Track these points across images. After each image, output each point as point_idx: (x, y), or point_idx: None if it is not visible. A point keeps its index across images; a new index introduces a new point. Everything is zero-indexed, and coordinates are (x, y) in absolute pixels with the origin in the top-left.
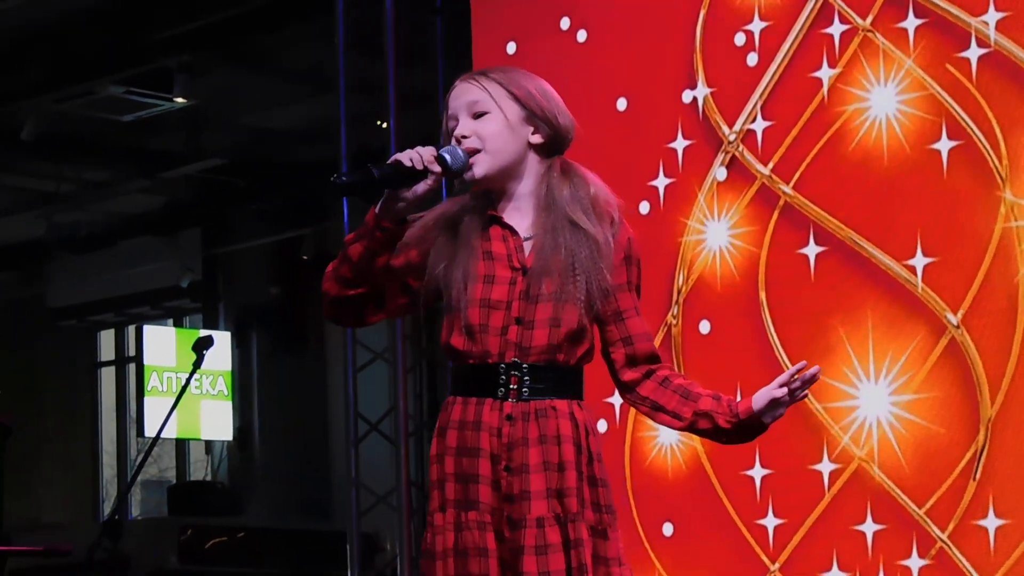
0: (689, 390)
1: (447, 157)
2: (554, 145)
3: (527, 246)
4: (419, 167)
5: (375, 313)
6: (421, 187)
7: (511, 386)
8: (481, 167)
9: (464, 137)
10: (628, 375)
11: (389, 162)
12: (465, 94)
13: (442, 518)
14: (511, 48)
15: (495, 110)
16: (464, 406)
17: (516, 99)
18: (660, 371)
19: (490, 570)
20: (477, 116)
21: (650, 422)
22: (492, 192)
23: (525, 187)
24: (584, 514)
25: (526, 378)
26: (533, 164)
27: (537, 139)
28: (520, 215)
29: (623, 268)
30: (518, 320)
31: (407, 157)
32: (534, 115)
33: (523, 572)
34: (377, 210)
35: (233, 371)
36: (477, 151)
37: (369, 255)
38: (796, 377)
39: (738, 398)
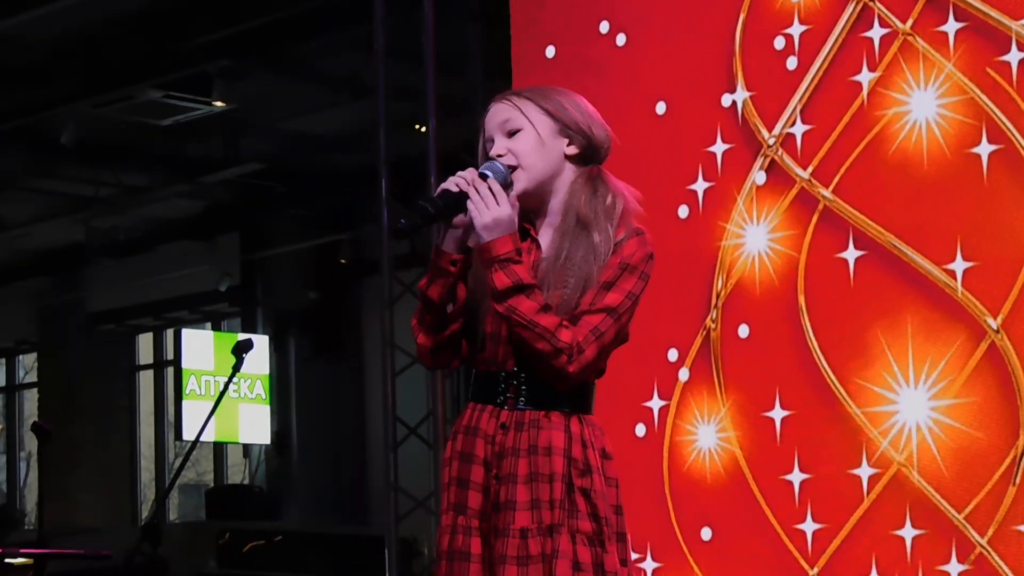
0: None
1: (488, 173)
2: (589, 156)
3: (541, 262)
4: (466, 190)
5: (471, 347)
6: None
7: (508, 395)
8: (519, 184)
9: (500, 156)
10: None
11: (436, 194)
12: (498, 115)
13: (444, 520)
14: (550, 52)
15: (527, 126)
16: (472, 411)
17: (547, 113)
18: None
19: (469, 574)
20: (511, 134)
21: (688, 427)
22: (531, 210)
23: (560, 201)
24: (578, 525)
25: (523, 387)
26: (568, 177)
27: (572, 150)
28: (552, 229)
29: (610, 270)
30: None
31: (452, 184)
32: (567, 127)
33: None
34: (441, 245)
35: (271, 375)
36: (515, 167)
37: (448, 292)
38: None
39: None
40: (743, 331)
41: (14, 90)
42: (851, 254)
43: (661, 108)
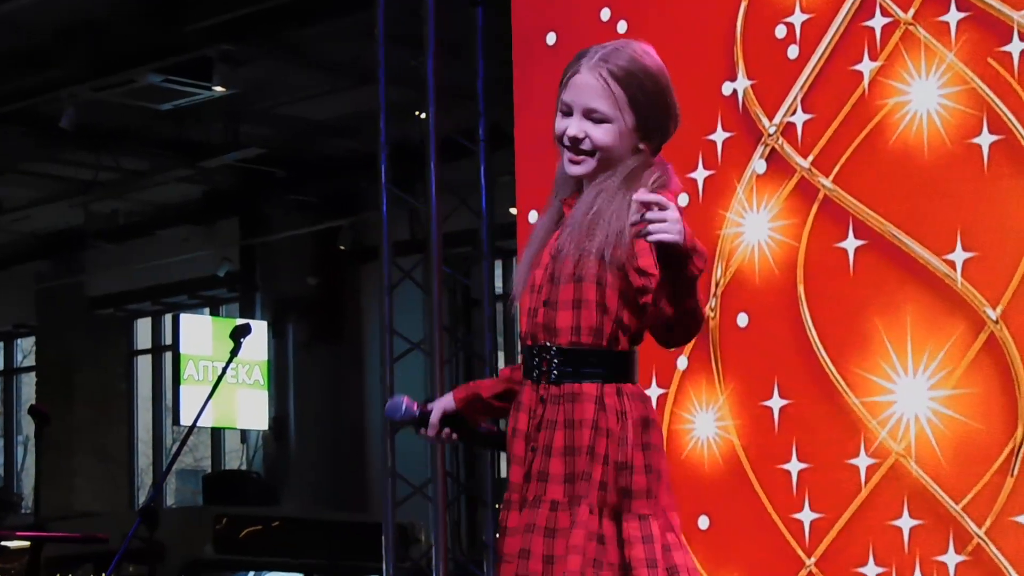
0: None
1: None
2: (658, 147)
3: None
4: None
5: None
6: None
7: (542, 368)
8: (584, 167)
9: (576, 139)
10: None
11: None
12: (591, 92)
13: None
14: (551, 39)
15: (616, 120)
16: (521, 388)
17: (638, 112)
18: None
19: (503, 547)
20: (595, 120)
21: (686, 415)
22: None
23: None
24: (605, 497)
25: (555, 360)
26: (629, 161)
27: (644, 146)
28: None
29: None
30: (545, 303)
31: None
32: (647, 123)
33: (530, 550)
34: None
35: (269, 360)
36: (591, 152)
37: (487, 414)
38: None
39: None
40: (742, 320)
41: (14, 73)
42: (851, 244)
43: None
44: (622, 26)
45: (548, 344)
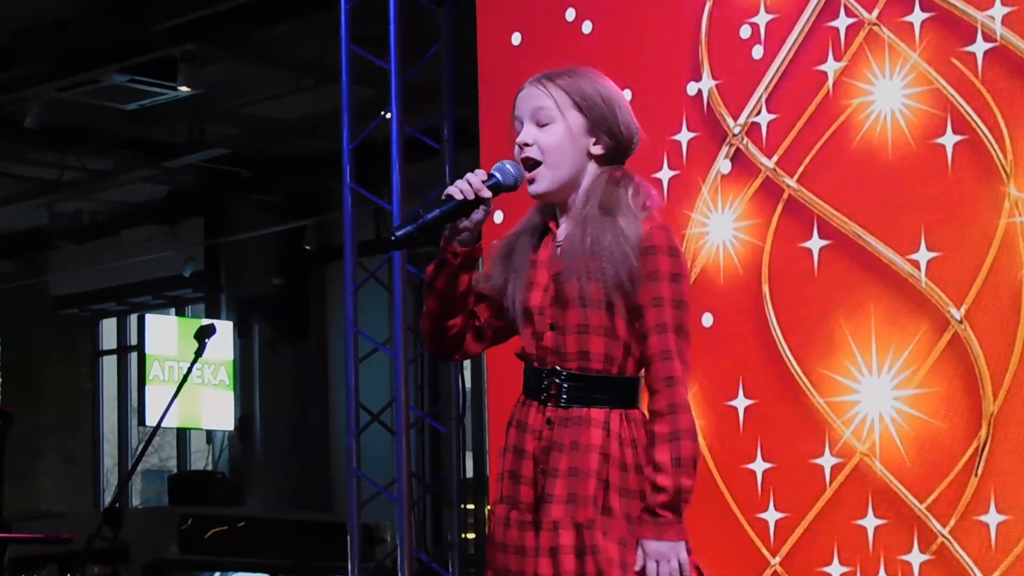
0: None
1: (497, 176)
2: (615, 156)
3: (559, 251)
4: (471, 197)
5: (477, 343)
6: (478, 214)
7: (551, 392)
8: (542, 183)
9: (526, 145)
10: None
11: (443, 198)
12: (531, 99)
13: (498, 511)
14: (516, 39)
15: (559, 119)
16: (522, 407)
17: (579, 108)
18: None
19: (525, 568)
20: (541, 124)
21: None
22: (555, 204)
23: (581, 194)
24: (609, 523)
25: (564, 384)
26: (591, 174)
27: (598, 150)
28: (572, 221)
29: (643, 258)
30: (552, 326)
31: (457, 190)
32: (596, 126)
33: (538, 573)
34: (447, 238)
35: (235, 361)
36: (537, 163)
37: (451, 283)
38: None
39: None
40: (707, 320)
41: None
42: (815, 244)
43: (627, 96)
44: (587, 26)
45: (558, 368)
